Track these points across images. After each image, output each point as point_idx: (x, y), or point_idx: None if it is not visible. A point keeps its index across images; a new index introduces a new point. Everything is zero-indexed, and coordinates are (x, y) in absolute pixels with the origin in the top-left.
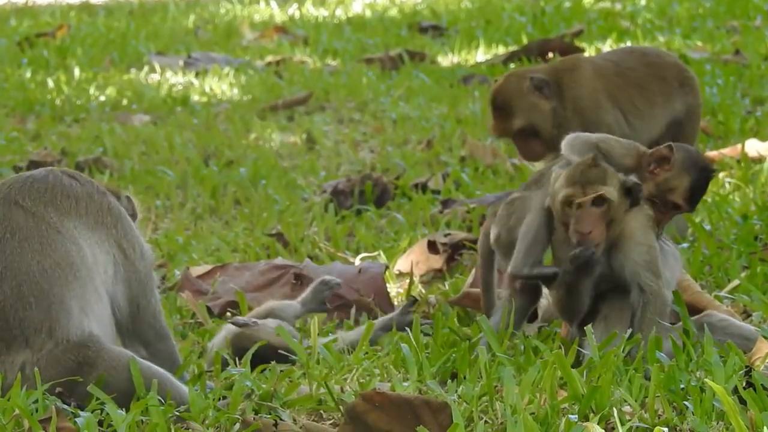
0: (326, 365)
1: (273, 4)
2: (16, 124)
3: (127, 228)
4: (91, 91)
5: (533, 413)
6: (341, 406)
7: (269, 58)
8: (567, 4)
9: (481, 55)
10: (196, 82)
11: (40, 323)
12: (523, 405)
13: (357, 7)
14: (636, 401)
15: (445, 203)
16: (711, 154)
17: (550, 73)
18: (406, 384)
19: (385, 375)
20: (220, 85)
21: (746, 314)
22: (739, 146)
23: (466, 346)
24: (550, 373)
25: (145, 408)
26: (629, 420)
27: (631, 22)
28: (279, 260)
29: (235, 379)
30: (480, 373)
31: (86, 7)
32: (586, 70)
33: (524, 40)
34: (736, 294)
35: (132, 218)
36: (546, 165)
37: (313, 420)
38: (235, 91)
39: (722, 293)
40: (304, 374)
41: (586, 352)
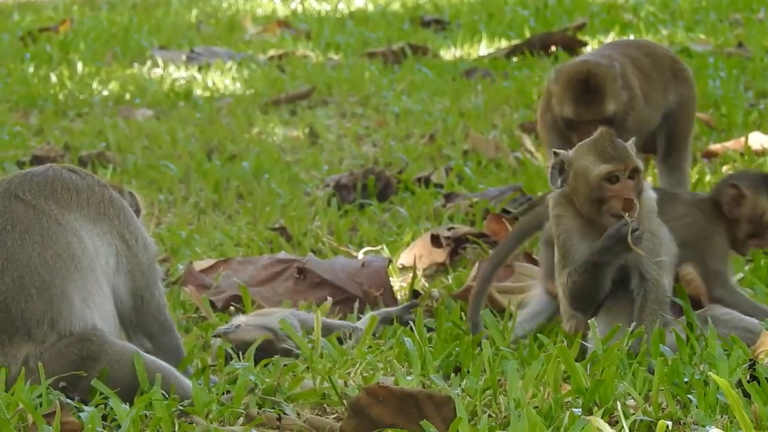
0: (329, 359)
1: None
2: (19, 118)
3: (129, 219)
4: (94, 85)
5: (537, 407)
6: (345, 400)
7: (272, 53)
8: None
9: (483, 48)
10: (198, 76)
11: (41, 315)
12: (526, 399)
13: (359, 2)
14: (640, 395)
15: (448, 197)
16: (714, 147)
17: None
18: (410, 378)
19: (389, 369)
20: (223, 79)
21: None
22: (742, 139)
23: (470, 340)
24: (553, 367)
25: (149, 402)
26: (633, 413)
27: (633, 15)
28: (282, 254)
29: (238, 373)
30: (483, 366)
31: (89, 2)
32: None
33: (527, 34)
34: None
35: (136, 214)
36: None
37: (317, 414)
38: (238, 85)
39: None
40: (308, 368)
41: (589, 346)
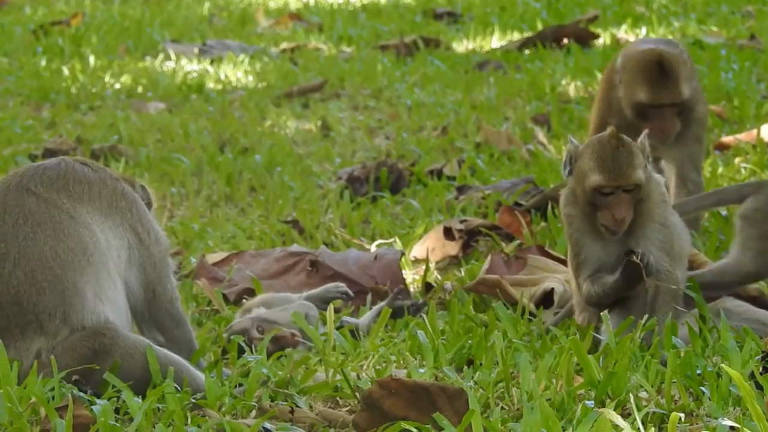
0: (342, 352)
1: None
2: (31, 112)
3: (141, 212)
4: (106, 79)
5: (549, 399)
6: (357, 393)
7: (284, 45)
8: None
9: (495, 41)
10: (211, 69)
11: (54, 308)
12: (539, 391)
13: None
14: (652, 387)
15: (461, 189)
16: (726, 139)
17: None
18: (422, 371)
19: (401, 361)
20: (235, 72)
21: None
22: (754, 131)
23: (482, 332)
24: (566, 359)
25: (162, 395)
26: (646, 406)
27: (646, 8)
28: (294, 247)
29: (251, 366)
30: (496, 359)
31: None
32: None
33: (539, 26)
34: None
35: (147, 207)
36: None
37: (330, 407)
38: (250, 78)
39: None
40: (320, 361)
41: (602, 338)
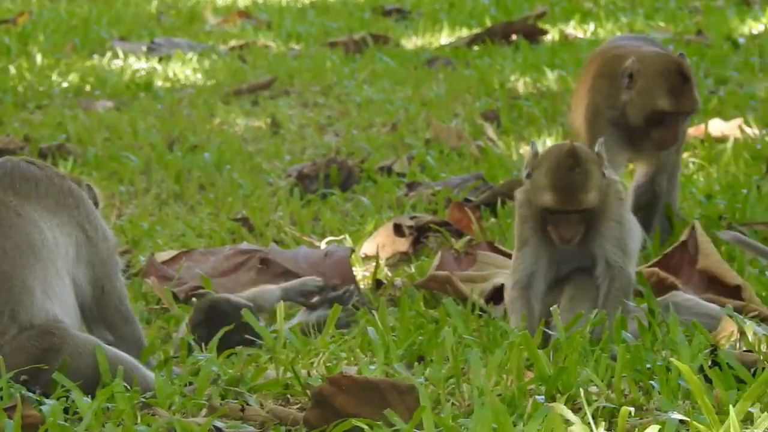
0: (293, 349)
1: None
2: None
3: (89, 210)
4: (54, 77)
5: (500, 395)
6: (308, 390)
7: (232, 43)
8: None
9: (444, 37)
10: (159, 67)
11: (2, 306)
12: (490, 387)
13: None
14: (602, 381)
15: (411, 186)
16: None
17: None
18: (373, 367)
19: (352, 358)
20: (184, 70)
21: None
22: (702, 126)
23: (433, 328)
24: (516, 355)
25: (111, 394)
26: (596, 400)
27: (594, 4)
28: (244, 245)
29: (201, 364)
30: (447, 355)
31: None
32: None
33: (488, 23)
34: None
35: (94, 206)
36: None
37: (280, 404)
38: (199, 76)
39: None
40: (271, 359)
41: (552, 333)
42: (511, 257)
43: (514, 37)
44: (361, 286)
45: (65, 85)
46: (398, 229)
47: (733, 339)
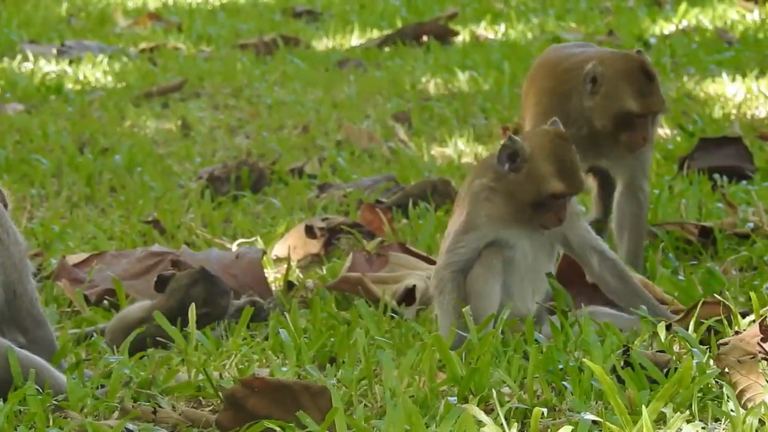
0: (204, 351)
1: None
2: None
3: None
4: None
5: (413, 396)
6: (220, 393)
7: (143, 45)
8: None
9: (355, 39)
10: (69, 70)
11: None
12: (402, 388)
13: None
14: (515, 382)
15: (322, 188)
16: None
17: None
18: (285, 369)
19: (264, 360)
20: (94, 72)
21: None
22: None
23: (345, 330)
24: (428, 356)
25: (23, 397)
26: (508, 401)
27: (505, 5)
28: (156, 247)
29: (113, 367)
30: (359, 356)
31: None
32: None
33: (399, 24)
34: None
35: (4, 209)
36: None
37: (192, 407)
38: (109, 78)
39: None
40: (183, 361)
41: (465, 335)
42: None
43: (425, 38)
44: (273, 288)
45: None
46: (310, 231)
47: (645, 339)
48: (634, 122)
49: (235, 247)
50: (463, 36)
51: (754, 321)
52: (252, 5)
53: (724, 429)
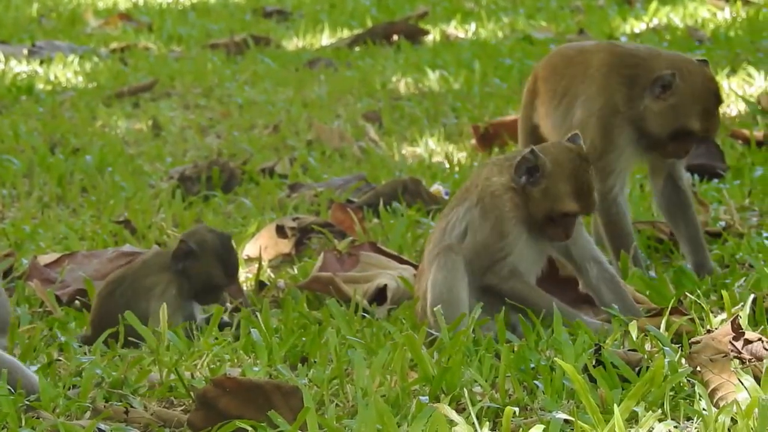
0: (176, 351)
1: None
2: None
3: None
4: None
5: (384, 395)
6: (192, 393)
7: (114, 45)
8: None
9: (326, 38)
10: (40, 70)
11: None
12: (374, 387)
13: None
14: (486, 381)
15: (293, 187)
16: None
17: None
18: (257, 369)
19: (236, 360)
20: (65, 73)
21: None
22: None
23: (316, 329)
24: (400, 355)
25: None
26: (480, 400)
27: (475, 4)
28: (127, 247)
29: (84, 367)
30: (330, 356)
31: None
32: None
33: (369, 23)
34: None
35: None
36: None
37: (164, 407)
38: (80, 78)
39: None
40: (154, 361)
41: (436, 334)
42: (399, 259)
43: (395, 37)
44: (244, 287)
45: None
46: (281, 231)
47: (617, 338)
48: (688, 139)
49: None
50: (433, 35)
51: (725, 320)
52: (222, 5)
53: (696, 428)
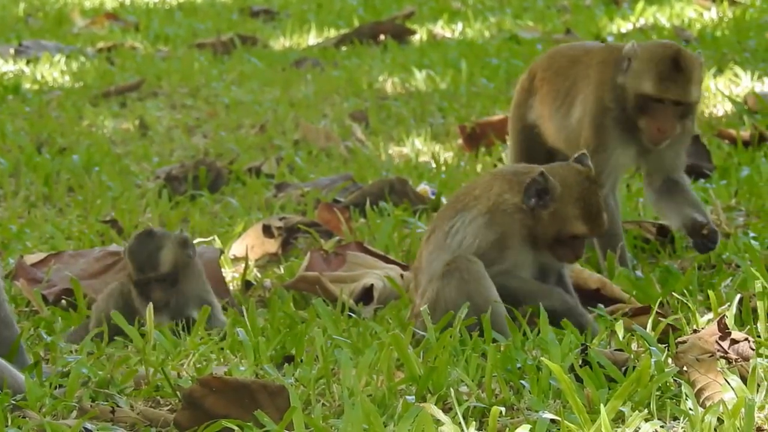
0: (162, 351)
1: None
2: None
3: None
4: None
5: (371, 395)
6: (178, 392)
7: (100, 45)
8: None
9: (313, 38)
10: (27, 69)
11: None
12: (360, 387)
13: None
14: (473, 381)
15: (279, 187)
16: None
17: None
18: (243, 368)
19: (222, 359)
20: (52, 72)
21: None
22: None
23: (303, 329)
24: (386, 355)
25: None
26: (467, 400)
27: (462, 4)
28: (113, 247)
29: (71, 366)
30: (317, 355)
31: None
32: None
33: (356, 23)
34: None
35: None
36: None
37: (150, 406)
38: (67, 78)
39: None
40: (141, 360)
41: (422, 333)
42: (385, 259)
43: (382, 37)
44: (231, 287)
45: None
46: (267, 230)
47: (603, 338)
48: (652, 108)
49: None
50: (420, 35)
51: (712, 319)
52: (209, 5)
53: (682, 428)
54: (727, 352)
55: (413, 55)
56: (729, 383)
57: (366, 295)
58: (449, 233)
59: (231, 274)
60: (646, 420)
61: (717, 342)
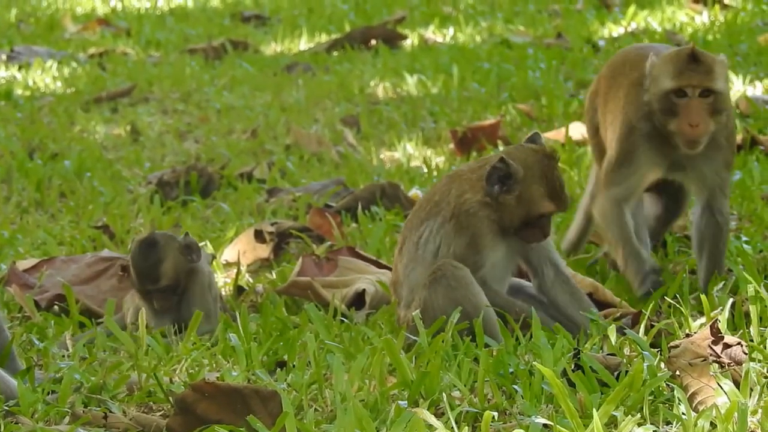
0: (154, 356)
1: None
2: None
3: None
4: None
5: (363, 400)
6: (171, 397)
7: (92, 51)
8: None
9: (304, 43)
10: (19, 75)
11: None
12: (352, 392)
13: None
14: (465, 386)
15: (271, 192)
16: None
17: None
18: (235, 373)
19: (214, 365)
20: (44, 78)
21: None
22: (563, 129)
23: (295, 334)
24: (379, 360)
25: None
26: (459, 405)
27: (453, 8)
28: (105, 252)
29: (63, 372)
30: (309, 360)
31: None
32: None
33: (347, 28)
34: None
35: None
36: None
37: (143, 412)
38: (59, 84)
39: None
40: (133, 366)
41: (415, 338)
42: (377, 264)
43: (373, 42)
44: (223, 292)
45: None
46: (259, 235)
47: (596, 342)
48: (679, 106)
49: None
50: (411, 40)
51: (704, 324)
52: (200, 10)
53: None
54: (719, 357)
55: (404, 59)
56: (722, 387)
57: (358, 300)
58: (419, 243)
59: (223, 279)
60: (639, 424)
61: (710, 346)
